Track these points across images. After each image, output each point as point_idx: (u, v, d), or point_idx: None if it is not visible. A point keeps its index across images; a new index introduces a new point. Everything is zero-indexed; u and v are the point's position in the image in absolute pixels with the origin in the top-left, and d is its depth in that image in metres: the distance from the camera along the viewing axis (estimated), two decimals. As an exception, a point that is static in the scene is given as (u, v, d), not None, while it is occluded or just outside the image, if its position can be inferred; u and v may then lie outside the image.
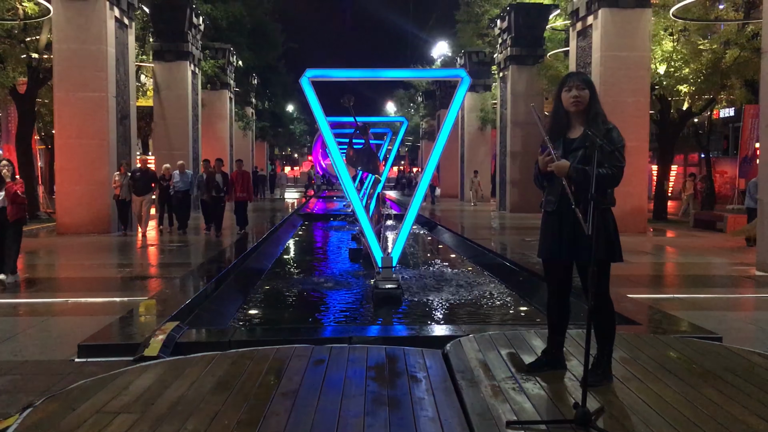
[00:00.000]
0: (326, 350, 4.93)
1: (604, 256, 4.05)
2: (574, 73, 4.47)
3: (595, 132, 3.84)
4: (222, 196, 15.48)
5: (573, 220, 4.03)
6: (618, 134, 4.16)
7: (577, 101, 4.19)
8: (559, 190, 4.16)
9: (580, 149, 4.11)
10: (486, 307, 8.48)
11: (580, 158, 4.08)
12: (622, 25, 15.92)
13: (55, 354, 5.77)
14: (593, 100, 4.21)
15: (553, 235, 4.24)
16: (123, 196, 15.03)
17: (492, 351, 4.85)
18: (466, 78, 8.74)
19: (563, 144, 4.25)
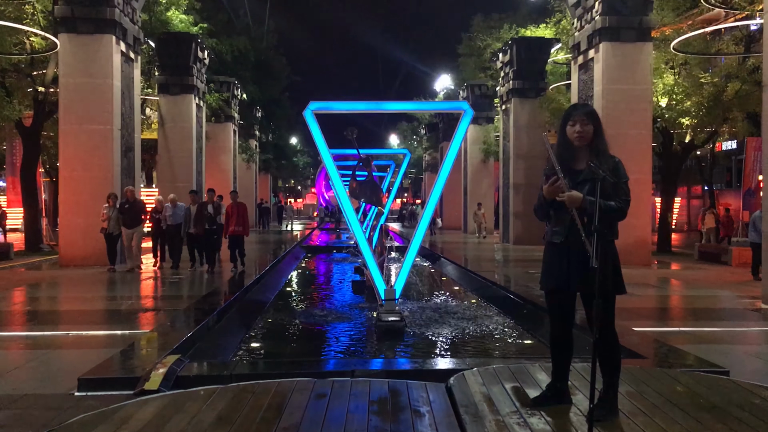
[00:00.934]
0: (328, 384, 4.88)
1: (611, 288, 4.02)
2: (579, 106, 4.46)
3: (597, 164, 3.85)
4: (215, 228, 14.28)
5: (580, 251, 4.00)
6: (623, 169, 4.17)
7: (580, 136, 4.20)
8: (568, 221, 4.13)
9: (587, 182, 4.10)
10: (490, 340, 8.40)
11: (588, 191, 4.06)
12: (623, 58, 16.06)
13: (55, 388, 5.72)
14: (597, 134, 4.21)
15: (560, 266, 4.20)
16: (111, 229, 14.29)
17: (496, 385, 4.79)
18: (469, 110, 8.79)
19: (571, 177, 4.24)
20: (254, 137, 36.01)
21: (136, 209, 14.46)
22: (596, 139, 4.21)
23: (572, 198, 4.00)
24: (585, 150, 4.24)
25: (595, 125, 4.22)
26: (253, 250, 21.74)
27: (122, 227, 14.31)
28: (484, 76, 30.61)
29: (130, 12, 16.31)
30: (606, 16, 15.96)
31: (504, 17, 29.76)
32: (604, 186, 3.90)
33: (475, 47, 30.04)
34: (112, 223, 14.22)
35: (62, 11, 15.08)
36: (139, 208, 14.55)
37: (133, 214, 14.34)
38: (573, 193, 4.01)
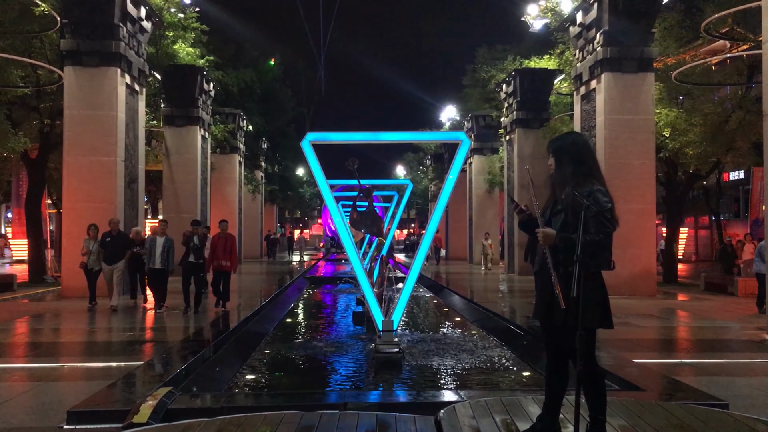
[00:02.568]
0: (316, 417, 4.80)
1: (589, 323, 3.93)
2: (550, 140, 4.56)
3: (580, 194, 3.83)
4: (201, 263, 12.85)
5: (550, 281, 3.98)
6: (603, 196, 4.08)
7: (550, 167, 4.27)
8: (541, 252, 4.13)
9: (560, 212, 4.10)
10: (488, 372, 8.29)
11: (562, 222, 4.05)
12: (625, 89, 16.10)
13: (44, 420, 5.67)
14: (558, 163, 4.24)
15: (541, 296, 4.18)
16: (91, 264, 13.11)
17: (486, 418, 4.70)
18: (466, 140, 8.79)
19: (552, 206, 4.24)
20: (260, 168, 36.19)
21: (119, 242, 13.35)
22: (557, 168, 4.23)
23: (546, 235, 4.00)
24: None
25: (555, 154, 4.25)
26: (257, 281, 21.73)
27: (102, 262, 13.16)
28: (488, 106, 30.74)
29: (135, 45, 16.52)
30: (607, 47, 16.05)
31: (508, 49, 29.95)
32: (582, 216, 3.85)
33: (480, 78, 30.20)
34: (92, 257, 13.13)
35: (68, 44, 15.29)
36: (122, 241, 13.43)
37: (115, 248, 13.20)
38: (546, 231, 4.00)
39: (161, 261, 12.66)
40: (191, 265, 12.78)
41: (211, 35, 24.58)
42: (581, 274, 3.59)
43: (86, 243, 13.21)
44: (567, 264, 3.84)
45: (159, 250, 12.64)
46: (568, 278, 3.80)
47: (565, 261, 3.87)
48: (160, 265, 12.69)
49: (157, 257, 12.64)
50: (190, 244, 12.74)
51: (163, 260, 12.66)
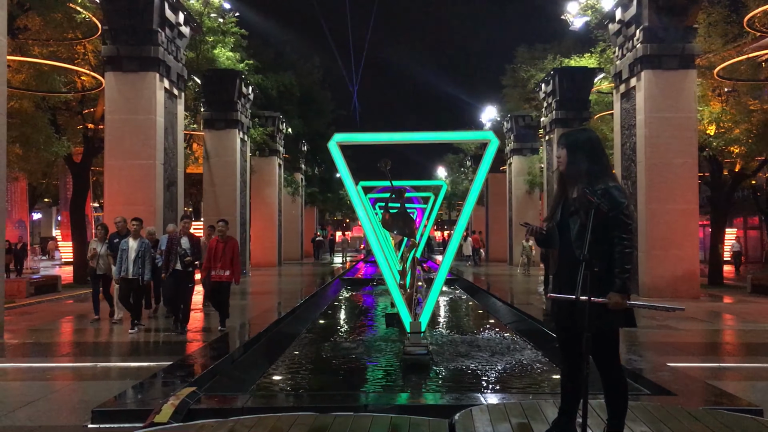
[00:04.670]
0: (330, 419, 4.76)
1: (613, 323, 3.80)
2: (563, 133, 4.39)
3: (591, 191, 3.70)
4: (190, 271, 10.56)
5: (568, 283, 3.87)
6: (619, 192, 3.94)
7: (558, 161, 4.11)
8: (557, 255, 4.03)
9: (577, 212, 3.95)
10: (516, 374, 8.14)
11: (579, 226, 3.90)
12: (666, 86, 15.70)
13: (70, 419, 5.76)
14: (572, 159, 4.08)
15: (556, 300, 4.06)
16: (100, 270, 11.44)
17: (503, 422, 4.60)
18: (495, 140, 8.68)
19: (563, 205, 4.13)
20: (300, 171, 36.44)
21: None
22: (569, 163, 4.07)
23: (617, 303, 3.76)
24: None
25: (568, 148, 4.09)
26: (298, 282, 21.82)
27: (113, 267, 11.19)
28: (528, 106, 30.40)
29: (174, 50, 16.79)
30: (647, 43, 15.68)
31: (548, 48, 29.56)
32: (598, 216, 3.72)
33: (519, 78, 29.88)
34: (102, 261, 11.40)
35: (109, 51, 15.61)
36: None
37: None
38: (617, 300, 3.75)
39: (135, 269, 10.50)
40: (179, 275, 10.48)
41: (251, 39, 24.88)
42: (588, 276, 3.47)
43: (93, 245, 11.68)
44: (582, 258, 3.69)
45: (132, 255, 10.49)
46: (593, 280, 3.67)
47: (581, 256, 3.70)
48: (133, 273, 10.50)
49: (130, 264, 10.47)
50: (175, 248, 10.44)
51: (137, 268, 10.51)
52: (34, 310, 13.65)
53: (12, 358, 8.61)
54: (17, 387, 7.12)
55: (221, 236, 10.60)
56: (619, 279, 3.76)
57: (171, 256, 10.44)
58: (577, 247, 3.83)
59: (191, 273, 10.61)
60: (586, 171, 3.99)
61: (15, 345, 9.49)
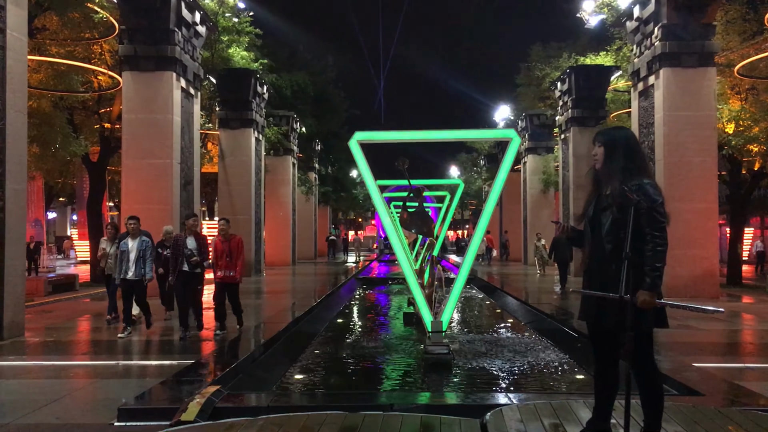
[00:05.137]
0: (359, 418, 4.74)
1: (645, 324, 3.75)
2: (599, 131, 4.36)
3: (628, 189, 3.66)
4: (198, 272, 9.97)
5: (601, 280, 3.82)
6: (653, 189, 3.89)
7: (594, 159, 4.11)
8: (588, 249, 3.99)
9: (609, 209, 3.92)
10: (539, 374, 8.09)
11: (614, 220, 3.87)
12: (684, 84, 15.56)
13: (96, 417, 5.77)
14: (609, 156, 4.06)
15: (586, 297, 4.02)
16: (109, 270, 11.04)
17: (534, 422, 4.55)
18: (516, 138, 8.63)
19: (596, 202, 4.09)
20: (313, 170, 36.46)
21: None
22: (606, 161, 4.04)
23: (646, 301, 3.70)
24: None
25: (605, 146, 4.05)
26: (314, 281, 21.80)
27: None
28: (543, 105, 30.22)
29: (190, 50, 16.82)
30: (666, 41, 15.54)
31: (563, 46, 29.36)
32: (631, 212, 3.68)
33: (534, 77, 29.69)
34: (111, 261, 10.96)
35: (126, 50, 15.65)
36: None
37: None
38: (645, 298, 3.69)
39: (136, 269, 10.00)
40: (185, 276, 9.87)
41: (265, 39, 24.90)
42: (630, 273, 3.42)
43: (103, 244, 11.40)
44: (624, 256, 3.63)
45: (132, 255, 10.01)
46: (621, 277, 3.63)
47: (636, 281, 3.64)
48: (134, 275, 10.00)
49: (130, 264, 9.98)
50: (182, 249, 9.82)
51: (138, 269, 10.02)
52: (53, 308, 13.72)
53: (34, 356, 8.66)
54: (41, 385, 7.14)
55: (224, 235, 10.17)
56: (649, 277, 3.70)
57: (178, 257, 9.80)
58: (608, 242, 3.82)
59: (199, 274, 10.02)
60: (623, 168, 3.97)
61: (36, 343, 9.54)
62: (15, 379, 7.23)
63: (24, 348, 9.13)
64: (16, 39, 9.96)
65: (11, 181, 9.81)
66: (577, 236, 4.20)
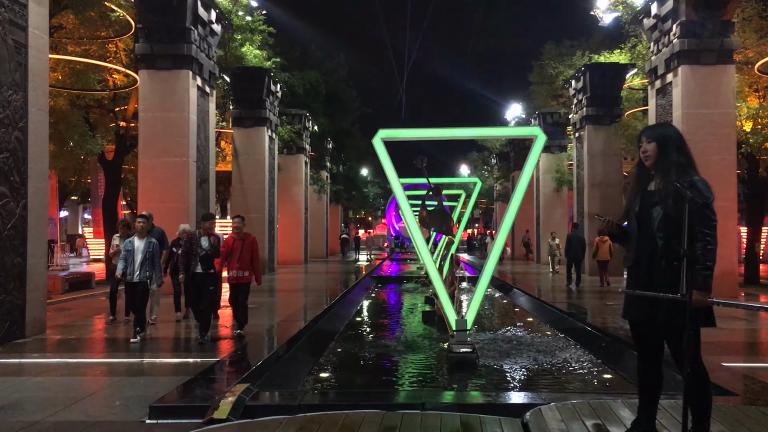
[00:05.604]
0: (398, 417, 4.70)
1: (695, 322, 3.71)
2: (646, 127, 4.32)
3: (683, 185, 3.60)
4: (212, 273, 9.49)
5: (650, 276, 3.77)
6: (705, 186, 3.86)
7: (644, 156, 4.07)
8: (635, 244, 3.94)
9: (658, 204, 3.88)
10: (565, 373, 8.03)
11: (662, 217, 3.82)
12: (703, 82, 15.45)
13: (126, 415, 5.75)
14: (662, 152, 4.03)
15: (632, 294, 3.96)
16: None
17: (575, 422, 4.50)
18: (541, 136, 8.56)
19: (642, 197, 4.04)
20: (325, 168, 36.46)
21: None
22: (659, 157, 4.00)
23: (699, 301, 3.66)
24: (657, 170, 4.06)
25: (658, 142, 4.02)
26: (329, 280, 21.75)
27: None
28: (555, 104, 30.11)
29: (206, 48, 16.82)
30: (684, 38, 15.43)
31: (576, 44, 29.30)
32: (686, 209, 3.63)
33: (547, 75, 29.62)
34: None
35: (142, 48, 15.66)
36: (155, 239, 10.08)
37: None
38: (698, 298, 3.64)
39: (142, 272, 9.45)
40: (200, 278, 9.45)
41: (277, 37, 24.89)
42: (689, 271, 3.38)
43: (116, 241, 10.94)
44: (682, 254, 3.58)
45: (138, 257, 9.44)
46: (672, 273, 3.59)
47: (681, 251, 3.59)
48: (140, 277, 9.45)
49: (136, 266, 9.43)
50: (195, 249, 9.44)
51: (144, 270, 9.46)
52: (71, 306, 13.75)
53: (57, 353, 8.66)
54: (68, 382, 7.13)
55: (238, 233, 9.68)
56: (701, 276, 3.66)
57: (190, 257, 9.43)
58: (659, 238, 3.77)
59: (213, 275, 9.51)
60: (676, 163, 3.93)
61: (58, 341, 9.54)
62: (41, 376, 7.23)
63: (47, 345, 9.14)
64: (37, 37, 9.97)
65: (33, 179, 9.82)
66: (619, 232, 4.15)
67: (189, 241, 9.60)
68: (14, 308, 9.28)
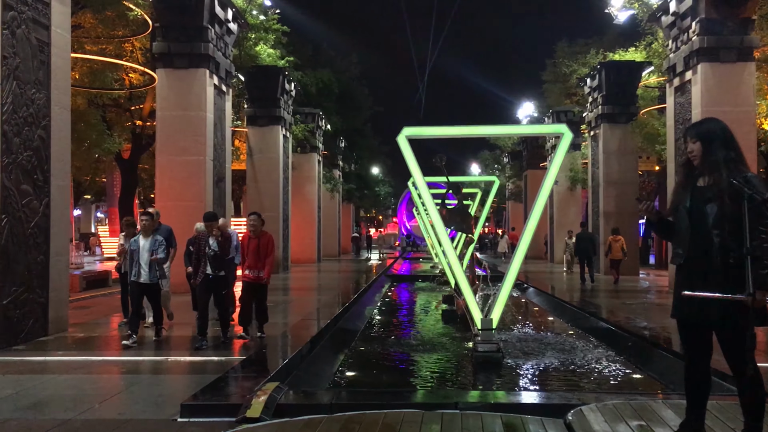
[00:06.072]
0: (437, 417, 4.66)
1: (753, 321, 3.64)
2: (690, 126, 4.27)
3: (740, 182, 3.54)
4: (224, 275, 9.05)
5: (705, 275, 3.71)
6: (760, 182, 3.80)
7: (692, 156, 4.05)
8: (687, 240, 3.87)
9: (712, 200, 3.81)
10: (593, 373, 7.96)
11: (718, 213, 3.76)
12: (723, 79, 15.33)
13: (157, 413, 5.73)
14: (707, 149, 3.97)
15: (682, 292, 3.89)
16: (126, 267, 9.68)
17: (619, 423, 4.44)
18: (568, 133, 8.49)
19: (692, 193, 3.98)
20: (338, 167, 36.45)
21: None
22: (705, 155, 3.94)
23: (761, 300, 3.57)
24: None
25: (703, 141, 3.97)
26: (344, 278, 21.72)
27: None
28: (569, 102, 29.98)
29: (222, 47, 16.82)
30: (704, 36, 15.30)
31: (590, 42, 29.16)
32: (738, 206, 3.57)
33: (560, 73, 29.50)
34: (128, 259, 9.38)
35: (160, 47, 15.67)
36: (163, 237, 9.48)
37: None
38: (760, 297, 3.56)
39: (151, 273, 9.00)
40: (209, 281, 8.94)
41: (289, 36, 24.89)
42: (750, 269, 3.31)
43: (122, 240, 10.43)
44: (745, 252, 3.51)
45: (145, 256, 9.00)
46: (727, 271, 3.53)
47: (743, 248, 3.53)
48: (150, 278, 9.01)
49: (143, 266, 8.99)
50: (204, 249, 8.94)
51: (154, 271, 9.02)
52: (90, 304, 13.80)
53: (81, 351, 8.65)
54: (94, 380, 7.14)
55: (253, 231, 9.27)
56: (761, 275, 3.59)
57: (200, 258, 8.96)
58: (715, 236, 3.71)
59: (224, 277, 9.10)
60: (724, 159, 3.87)
61: (81, 339, 9.54)
62: (68, 374, 7.22)
63: (70, 343, 9.14)
64: (60, 36, 9.98)
65: (56, 178, 9.83)
66: (665, 226, 4.09)
67: (197, 242, 9.14)
68: (37, 306, 9.29)
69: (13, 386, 6.53)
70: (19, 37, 8.91)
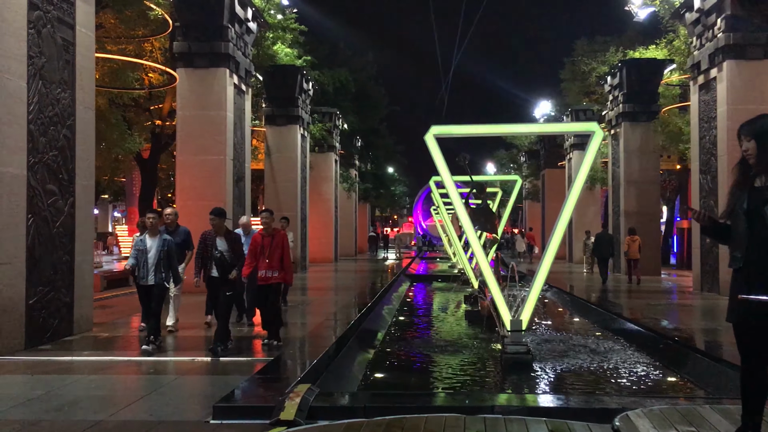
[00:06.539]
0: (480, 421, 4.55)
1: None
2: (744, 123, 4.12)
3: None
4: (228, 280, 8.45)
5: (762, 276, 3.58)
6: None
7: (747, 154, 3.93)
8: (745, 244, 3.74)
9: None
10: (628, 376, 7.81)
11: None
12: (749, 77, 15.08)
13: (188, 414, 5.68)
14: (763, 148, 3.87)
15: (740, 295, 3.76)
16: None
17: (669, 429, 4.31)
18: (599, 131, 8.37)
19: (749, 194, 3.85)
20: (354, 166, 36.38)
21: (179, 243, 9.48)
22: (759, 153, 3.81)
23: None
24: None
25: (758, 138, 3.85)
26: (362, 278, 21.61)
27: None
28: (588, 100, 29.72)
29: (242, 46, 16.79)
30: (730, 32, 15.06)
31: (609, 40, 28.89)
32: None
33: (579, 71, 29.23)
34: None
35: (180, 47, 15.65)
36: (181, 240, 9.63)
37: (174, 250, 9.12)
38: None
39: (157, 275, 8.55)
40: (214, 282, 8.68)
41: (306, 35, 24.84)
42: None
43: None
44: None
45: (151, 257, 8.55)
46: None
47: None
48: (154, 279, 8.56)
49: (149, 267, 8.54)
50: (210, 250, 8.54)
51: (160, 272, 8.56)
52: (112, 303, 13.79)
53: (107, 351, 8.65)
54: (122, 381, 7.11)
55: (266, 230, 8.78)
56: None
57: (205, 259, 8.58)
58: None
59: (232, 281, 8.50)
60: None
61: (106, 338, 9.53)
62: (96, 374, 7.17)
63: (96, 343, 9.12)
64: (84, 35, 9.96)
65: (80, 177, 9.81)
66: (714, 227, 3.98)
67: (204, 241, 8.61)
68: (62, 306, 9.28)
69: (42, 386, 6.50)
70: (44, 37, 8.89)
